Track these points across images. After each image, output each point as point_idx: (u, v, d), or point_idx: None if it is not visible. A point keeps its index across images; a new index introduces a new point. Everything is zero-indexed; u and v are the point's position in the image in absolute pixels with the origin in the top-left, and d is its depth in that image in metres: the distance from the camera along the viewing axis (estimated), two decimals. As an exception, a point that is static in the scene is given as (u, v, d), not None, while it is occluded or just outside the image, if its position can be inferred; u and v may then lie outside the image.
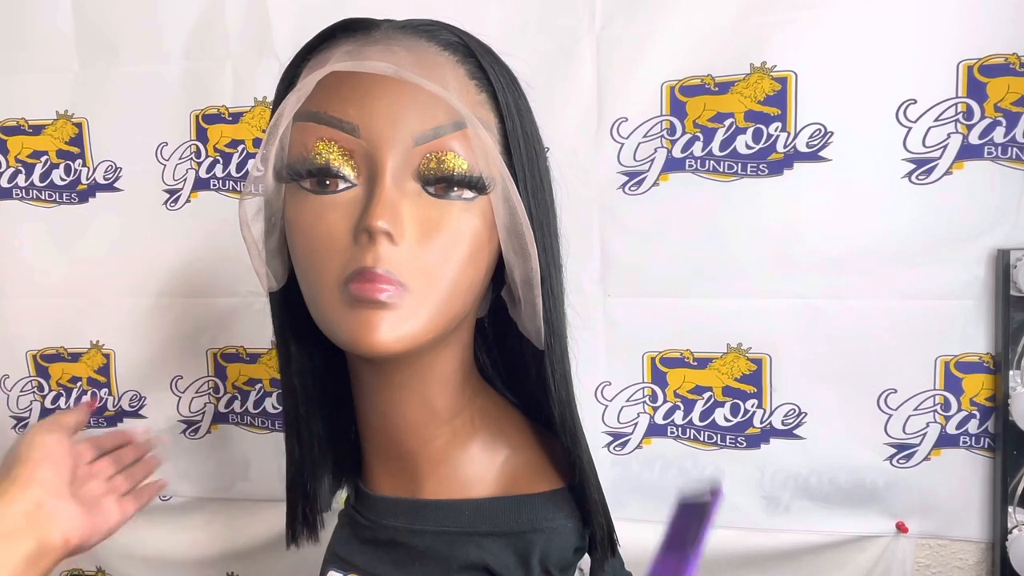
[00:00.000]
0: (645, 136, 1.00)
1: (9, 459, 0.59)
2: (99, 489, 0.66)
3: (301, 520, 0.64)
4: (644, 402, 1.06)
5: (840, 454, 1.01)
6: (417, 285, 0.48)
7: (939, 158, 0.93)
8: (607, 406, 1.07)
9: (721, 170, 0.99)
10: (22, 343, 1.23)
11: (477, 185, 0.49)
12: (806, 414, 1.01)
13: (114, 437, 0.71)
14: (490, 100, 0.52)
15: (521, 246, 0.52)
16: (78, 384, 1.22)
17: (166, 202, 1.15)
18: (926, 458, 0.99)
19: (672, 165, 1.00)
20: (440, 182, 0.49)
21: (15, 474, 0.57)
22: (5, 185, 1.20)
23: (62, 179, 1.18)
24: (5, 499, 0.56)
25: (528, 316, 0.55)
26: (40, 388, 1.24)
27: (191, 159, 1.13)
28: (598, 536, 0.57)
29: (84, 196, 1.17)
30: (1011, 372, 0.94)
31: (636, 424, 1.06)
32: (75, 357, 1.22)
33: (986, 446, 0.98)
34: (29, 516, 0.56)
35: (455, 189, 0.49)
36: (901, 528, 1.00)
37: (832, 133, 0.95)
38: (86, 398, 0.74)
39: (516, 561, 0.54)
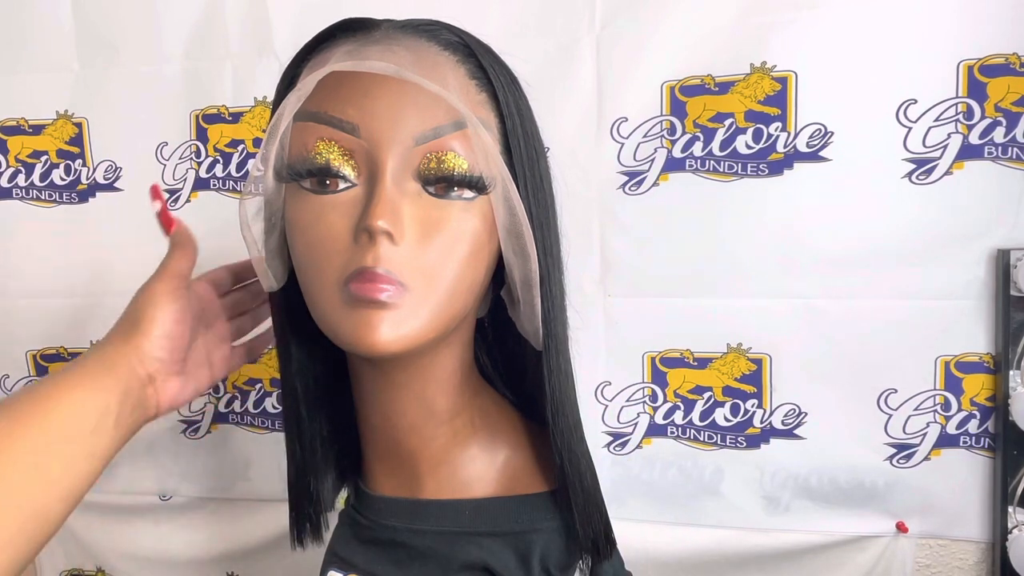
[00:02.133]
0: (645, 136, 1.00)
1: (130, 310, 0.58)
2: (223, 330, 0.62)
3: (305, 521, 0.64)
4: (644, 402, 1.06)
5: (840, 454, 1.01)
6: (417, 285, 0.48)
7: (939, 158, 0.93)
8: (607, 406, 1.07)
9: (721, 170, 0.99)
10: (22, 343, 1.23)
11: (477, 185, 0.49)
12: (806, 414, 1.01)
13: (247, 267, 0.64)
14: (490, 100, 0.52)
15: (520, 246, 0.52)
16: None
17: (166, 202, 1.15)
18: (926, 458, 0.99)
19: (672, 165, 1.00)
20: (440, 182, 0.49)
21: (141, 326, 0.56)
22: (5, 185, 1.20)
23: (62, 179, 1.18)
24: (118, 339, 0.55)
25: (527, 317, 0.55)
26: (40, 388, 1.24)
27: (191, 159, 1.13)
28: (592, 537, 0.57)
29: (84, 196, 1.17)
30: (1011, 372, 0.94)
31: (636, 424, 1.06)
32: (75, 357, 1.22)
33: (986, 446, 0.98)
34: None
35: (455, 189, 0.49)
36: (901, 528, 1.00)
37: (832, 133, 0.95)
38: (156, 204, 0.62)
39: (516, 561, 0.54)
